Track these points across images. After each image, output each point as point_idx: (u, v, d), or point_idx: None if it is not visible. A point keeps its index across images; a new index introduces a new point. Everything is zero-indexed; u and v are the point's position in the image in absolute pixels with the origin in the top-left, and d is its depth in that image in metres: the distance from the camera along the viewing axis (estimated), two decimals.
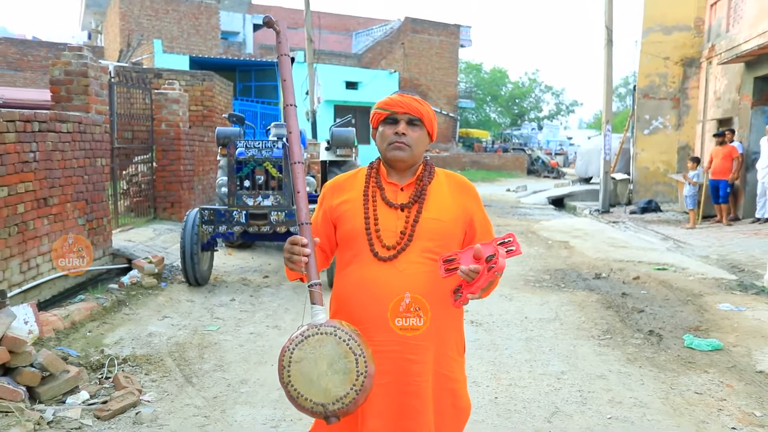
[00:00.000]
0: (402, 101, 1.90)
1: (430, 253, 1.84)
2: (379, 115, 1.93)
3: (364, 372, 1.65)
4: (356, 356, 1.65)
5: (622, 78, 46.68)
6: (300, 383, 1.65)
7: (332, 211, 1.94)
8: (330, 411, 1.64)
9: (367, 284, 1.84)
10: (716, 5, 12.98)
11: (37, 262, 5.25)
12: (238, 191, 5.92)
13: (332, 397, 1.64)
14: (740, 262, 7.48)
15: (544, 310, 5.58)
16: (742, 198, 11.06)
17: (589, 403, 3.56)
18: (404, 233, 1.85)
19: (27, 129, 5.06)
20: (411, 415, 1.81)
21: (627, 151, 16.24)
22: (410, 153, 1.88)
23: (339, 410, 1.64)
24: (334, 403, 1.64)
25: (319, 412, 1.65)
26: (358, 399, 1.65)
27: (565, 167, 35.19)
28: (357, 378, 1.64)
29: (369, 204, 1.89)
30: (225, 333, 4.76)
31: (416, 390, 1.82)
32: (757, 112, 11.04)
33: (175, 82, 9.66)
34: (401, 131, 1.87)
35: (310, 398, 1.65)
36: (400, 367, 1.82)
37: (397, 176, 1.94)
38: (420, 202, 1.88)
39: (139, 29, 23.11)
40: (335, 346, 1.66)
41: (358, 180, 1.97)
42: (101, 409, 3.21)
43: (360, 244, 1.87)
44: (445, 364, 1.88)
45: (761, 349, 4.48)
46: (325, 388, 1.64)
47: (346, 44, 33.72)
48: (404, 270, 1.82)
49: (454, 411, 1.89)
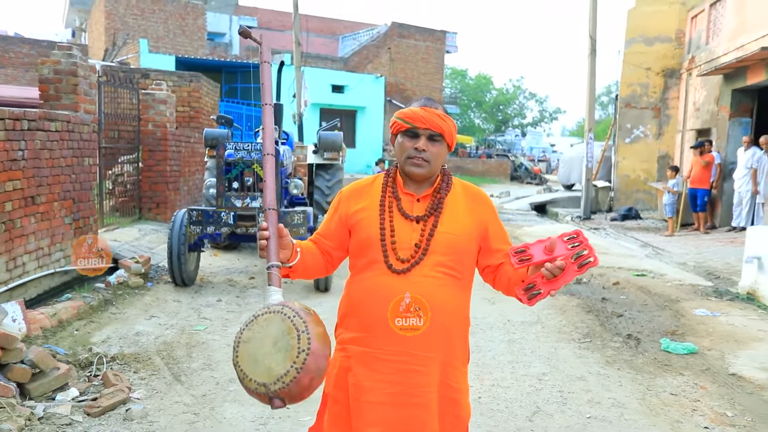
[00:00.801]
0: (425, 117, 1.86)
1: (443, 267, 1.85)
2: (399, 126, 1.91)
3: (306, 349, 1.57)
4: (299, 332, 1.59)
5: (605, 87, 47.38)
6: (246, 364, 1.59)
7: (348, 218, 1.95)
8: (272, 392, 1.56)
9: (378, 294, 1.84)
10: (697, 18, 13.29)
11: (23, 260, 5.25)
12: (227, 192, 5.96)
13: (274, 377, 1.56)
14: (716, 269, 7.68)
15: (526, 313, 5.70)
16: (719, 207, 11.32)
17: (569, 403, 3.67)
18: (419, 246, 1.84)
19: (16, 127, 5.07)
20: (417, 426, 1.80)
21: (609, 159, 16.52)
22: (428, 169, 1.88)
23: (281, 390, 1.55)
24: (275, 382, 1.55)
25: (263, 393, 1.57)
26: (300, 378, 1.55)
27: (547, 174, 35.57)
28: (297, 355, 1.56)
29: (385, 214, 1.89)
30: (212, 333, 4.80)
31: (423, 402, 1.81)
32: (735, 124, 11.31)
33: (162, 83, 9.67)
34: (421, 147, 1.85)
35: (255, 378, 1.58)
36: (407, 378, 1.81)
37: (414, 186, 1.93)
38: (436, 216, 1.88)
39: (124, 28, 22.97)
40: (280, 324, 1.61)
41: (374, 188, 1.97)
42: (91, 405, 3.24)
43: (374, 253, 1.87)
44: (450, 375, 1.88)
45: (734, 353, 4.63)
46: (268, 368, 1.57)
47: (333, 48, 33.79)
48: (417, 283, 1.82)
49: (455, 420, 1.90)
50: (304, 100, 13.01)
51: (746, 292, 6.36)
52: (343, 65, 28.53)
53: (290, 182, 6.49)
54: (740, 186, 10.24)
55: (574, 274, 1.66)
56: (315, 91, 20.41)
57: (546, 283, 1.69)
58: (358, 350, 1.86)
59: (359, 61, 29.44)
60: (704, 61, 12.46)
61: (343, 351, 1.91)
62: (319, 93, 22.38)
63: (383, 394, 1.79)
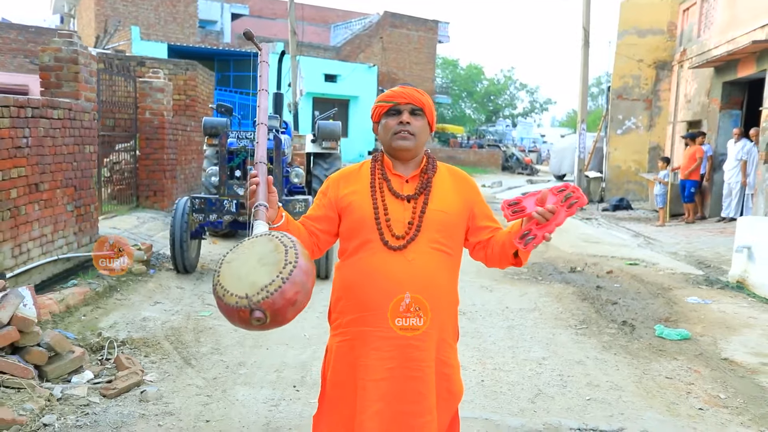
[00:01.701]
0: (404, 92, 1.96)
1: (437, 243, 1.92)
2: (381, 108, 1.98)
3: (293, 261, 1.55)
4: (286, 248, 1.58)
5: (595, 78, 47.60)
6: (227, 282, 1.56)
7: (338, 201, 1.99)
8: (254, 303, 1.51)
9: (377, 273, 1.88)
10: (689, 11, 13.43)
11: (28, 247, 5.29)
12: (229, 181, 6.02)
13: (257, 288, 1.52)
14: (706, 258, 7.86)
15: (524, 300, 5.83)
16: (709, 198, 11.52)
17: (569, 386, 3.80)
18: (412, 224, 1.91)
19: (21, 114, 5.09)
20: (415, 398, 1.86)
21: (600, 150, 16.70)
22: (414, 142, 1.95)
23: (264, 301, 1.51)
24: (258, 293, 1.52)
25: (244, 306, 1.52)
26: (285, 289, 1.52)
27: (538, 164, 35.78)
28: (285, 267, 1.54)
29: (377, 194, 1.95)
30: (218, 318, 4.88)
31: (421, 375, 1.87)
32: (725, 116, 11.49)
33: (159, 71, 9.67)
34: (405, 120, 1.93)
35: (235, 293, 1.53)
36: (405, 353, 1.87)
37: (402, 168, 2.00)
38: (426, 194, 1.95)
39: (115, 15, 22.76)
40: (266, 243, 1.61)
41: (363, 172, 2.03)
42: (107, 387, 3.32)
43: (369, 233, 1.91)
44: (443, 351, 1.95)
45: (726, 339, 4.79)
46: (251, 282, 1.54)
47: (324, 36, 33.68)
48: (414, 260, 1.88)
49: (448, 395, 1.97)
50: (300, 89, 13.02)
51: (736, 280, 6.52)
52: (335, 54, 28.46)
53: (291, 171, 6.56)
54: (730, 177, 10.43)
55: (565, 216, 1.73)
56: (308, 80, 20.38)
57: (540, 227, 1.75)
58: (357, 330, 1.91)
59: (351, 50, 29.38)
60: (696, 53, 12.62)
61: (341, 335, 1.96)
62: (312, 82, 22.34)
63: (383, 370, 1.86)
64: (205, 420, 3.16)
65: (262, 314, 1.52)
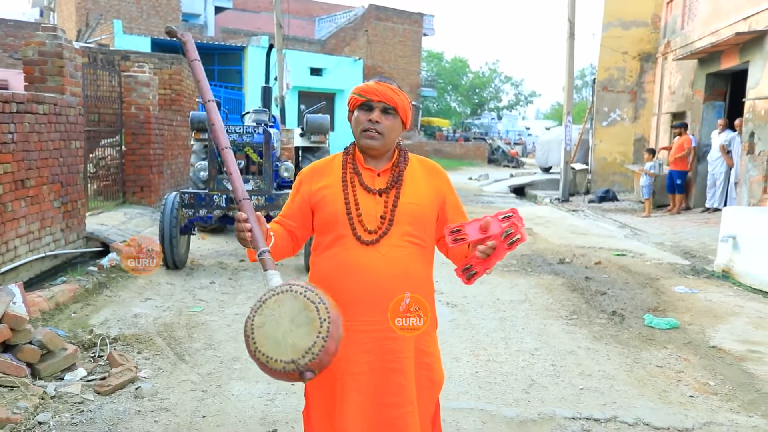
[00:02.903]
0: (378, 89, 1.92)
1: (409, 236, 1.93)
2: (355, 100, 1.97)
3: (327, 318, 1.60)
4: (316, 305, 1.62)
5: (579, 71, 47.76)
6: (267, 347, 1.60)
7: (311, 196, 1.99)
8: (302, 366, 1.57)
9: (351, 267, 1.89)
10: (672, 3, 13.53)
11: (15, 244, 5.23)
12: (218, 176, 5.99)
13: (301, 351, 1.57)
14: (692, 248, 7.96)
15: (515, 292, 5.87)
16: (693, 188, 11.66)
17: (561, 375, 3.84)
18: (384, 218, 1.91)
19: (5, 110, 5.02)
20: (395, 390, 1.88)
21: (586, 142, 16.80)
22: (382, 142, 1.93)
23: (311, 362, 1.57)
24: (303, 356, 1.57)
25: (292, 370, 1.58)
26: (327, 346, 1.58)
27: (523, 157, 35.94)
28: (321, 325, 1.60)
29: (348, 189, 1.94)
30: (210, 314, 4.87)
31: (399, 367, 1.89)
32: (709, 107, 11.62)
33: (145, 65, 9.55)
34: (375, 119, 1.91)
35: (280, 359, 1.58)
36: (382, 346, 1.88)
37: (373, 162, 1.99)
38: (397, 188, 1.95)
39: (96, 8, 22.45)
40: (293, 302, 1.63)
41: (335, 166, 2.01)
42: (101, 384, 3.30)
43: (341, 228, 1.91)
44: (422, 340, 1.96)
45: (713, 327, 4.87)
46: (292, 345, 1.59)
47: (309, 30, 33.48)
48: (387, 253, 1.89)
49: (429, 384, 1.98)
50: (286, 82, 12.97)
51: (721, 270, 6.62)
52: (320, 47, 28.32)
53: (280, 165, 6.53)
54: (714, 168, 10.56)
55: (505, 252, 1.71)
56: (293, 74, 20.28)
57: (480, 262, 1.75)
58: None
59: (336, 43, 29.25)
60: (679, 45, 12.73)
61: None
62: (298, 76, 22.23)
63: (363, 363, 1.87)
64: (201, 415, 3.16)
65: (312, 373, 1.60)
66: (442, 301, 5.45)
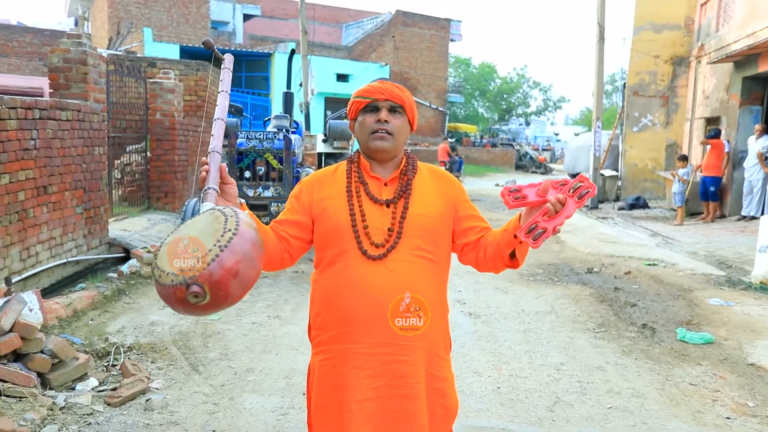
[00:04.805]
0: (382, 88, 1.81)
1: (420, 250, 1.78)
2: (358, 104, 1.84)
3: (233, 229, 1.41)
4: (226, 217, 1.44)
5: (609, 75, 47.00)
6: (164, 261, 1.41)
7: (312, 206, 1.84)
8: (189, 277, 1.36)
9: (357, 285, 1.74)
10: (706, 5, 13.16)
11: (36, 250, 5.24)
12: (239, 182, 5.94)
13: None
14: (727, 258, 7.65)
15: (540, 303, 5.68)
16: (729, 196, 11.26)
17: (588, 393, 3.66)
18: (392, 230, 1.77)
19: (28, 116, 5.04)
20: (404, 418, 1.73)
21: (616, 147, 16.44)
22: (393, 143, 1.80)
23: (200, 274, 1.37)
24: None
25: (179, 283, 1.37)
26: (223, 257, 1.37)
27: (552, 163, 35.46)
28: (222, 234, 1.40)
29: (354, 199, 1.80)
30: (227, 323, 4.79)
31: (410, 393, 1.74)
32: (745, 112, 11.23)
33: (170, 72, 9.61)
34: (383, 118, 1.79)
35: (171, 271, 1.39)
36: (392, 370, 1.73)
37: (380, 169, 1.85)
38: (406, 198, 1.80)
39: (128, 17, 22.88)
40: (208, 216, 1.47)
41: (338, 175, 1.87)
42: (111, 395, 3.24)
43: (345, 241, 1.76)
44: (434, 364, 1.81)
45: (751, 343, 4.61)
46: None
47: (336, 36, 33.61)
48: (395, 269, 1.74)
49: (443, 412, 1.83)
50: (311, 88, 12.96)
51: (759, 281, 6.32)
52: (347, 54, 28.39)
53: (302, 171, 6.47)
54: (751, 175, 10.17)
55: (574, 207, 1.65)
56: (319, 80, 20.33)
57: (548, 220, 1.64)
58: (338, 348, 1.76)
59: (363, 49, 29.29)
60: (714, 48, 12.35)
61: (322, 353, 1.80)
62: (324, 82, 22.30)
63: (368, 390, 1.72)
64: (211, 430, 3.06)
65: (200, 288, 1.36)
66: (465, 311, 5.29)
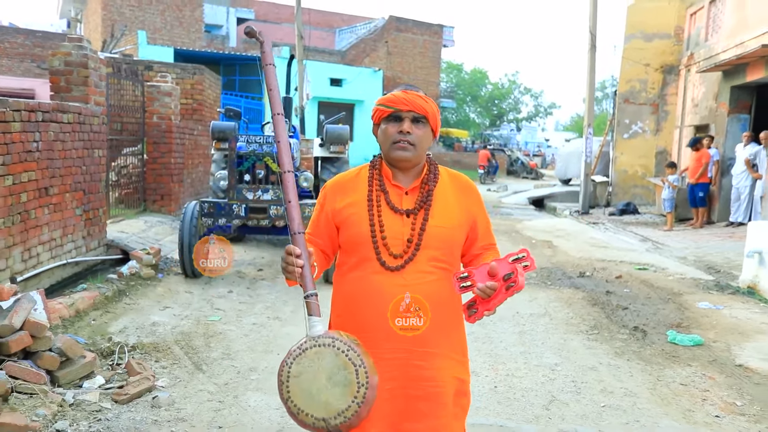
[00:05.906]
0: (407, 99, 1.82)
1: (437, 261, 1.83)
2: (381, 112, 1.86)
3: (365, 383, 1.59)
4: (356, 367, 1.60)
5: (599, 82, 47.41)
6: (300, 399, 1.61)
7: (335, 215, 1.89)
8: (332, 426, 1.59)
9: (373, 293, 1.81)
10: (696, 15, 13.39)
11: (37, 251, 5.30)
12: (239, 185, 6.02)
13: (334, 411, 1.59)
14: (716, 263, 7.80)
15: (534, 306, 5.79)
16: (717, 202, 11.46)
17: (583, 392, 3.77)
18: (411, 241, 1.82)
19: (31, 118, 5.10)
20: (416, 417, 1.80)
21: (606, 154, 16.64)
22: (414, 153, 1.84)
23: (342, 424, 1.59)
24: (335, 417, 1.59)
25: (321, 427, 1.60)
26: (360, 411, 1.59)
27: (543, 168, 35.73)
28: (358, 390, 1.59)
29: (374, 209, 1.84)
30: (228, 323, 4.87)
31: (423, 394, 1.81)
32: (733, 120, 11.44)
33: (167, 75, 9.68)
34: (406, 129, 1.81)
35: (311, 413, 1.60)
36: (406, 373, 1.81)
37: (402, 177, 1.89)
38: (426, 209, 1.84)
39: (121, 19, 22.85)
40: (334, 358, 1.61)
41: (360, 181, 1.91)
42: (119, 393, 3.31)
43: (365, 250, 1.83)
44: (457, 369, 1.89)
45: (739, 345, 4.75)
46: (325, 402, 1.60)
47: (329, 41, 33.72)
48: (412, 280, 1.80)
49: (460, 411, 1.92)
50: (306, 93, 13.04)
51: (747, 285, 6.47)
52: (340, 58, 28.50)
53: (300, 175, 6.55)
54: (739, 182, 10.37)
55: (504, 296, 1.70)
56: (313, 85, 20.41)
57: (482, 302, 1.73)
58: None
59: (357, 54, 29.41)
60: (703, 57, 12.57)
61: None
62: (318, 86, 22.38)
63: (383, 391, 1.77)
64: (217, 426, 3.14)
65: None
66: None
